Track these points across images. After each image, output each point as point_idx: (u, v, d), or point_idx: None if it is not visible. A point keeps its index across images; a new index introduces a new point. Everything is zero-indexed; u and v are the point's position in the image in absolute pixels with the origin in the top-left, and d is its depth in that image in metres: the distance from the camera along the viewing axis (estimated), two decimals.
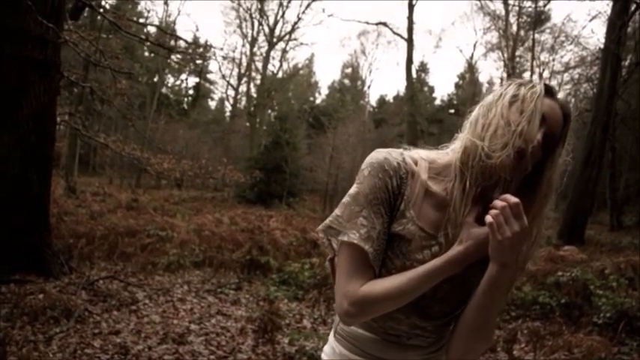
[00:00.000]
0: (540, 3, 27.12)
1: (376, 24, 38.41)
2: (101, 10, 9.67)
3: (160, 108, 38.77)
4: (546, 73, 31.90)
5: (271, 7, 48.34)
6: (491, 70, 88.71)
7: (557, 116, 1.19)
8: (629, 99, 19.84)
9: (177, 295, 6.38)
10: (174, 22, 37.23)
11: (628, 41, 17.60)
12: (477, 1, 31.66)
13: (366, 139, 33.72)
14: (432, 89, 52.17)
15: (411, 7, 33.33)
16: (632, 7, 15.69)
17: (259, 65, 40.09)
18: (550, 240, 12.14)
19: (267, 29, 38.82)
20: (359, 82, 50.20)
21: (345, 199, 1.26)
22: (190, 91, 49.80)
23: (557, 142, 1.20)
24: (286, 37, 39.17)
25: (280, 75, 41.48)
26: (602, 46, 17.95)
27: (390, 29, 36.50)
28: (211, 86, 49.87)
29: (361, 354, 1.33)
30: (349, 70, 52.10)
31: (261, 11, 38.23)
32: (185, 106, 47.24)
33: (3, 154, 6.00)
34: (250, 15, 38.80)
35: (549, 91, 1.20)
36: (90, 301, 5.59)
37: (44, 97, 6.27)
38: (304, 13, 38.67)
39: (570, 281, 6.43)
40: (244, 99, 42.14)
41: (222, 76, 46.71)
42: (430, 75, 62.04)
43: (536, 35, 29.26)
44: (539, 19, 29.00)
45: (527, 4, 28.25)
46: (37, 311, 4.83)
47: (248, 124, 38.38)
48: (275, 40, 38.64)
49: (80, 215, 11.58)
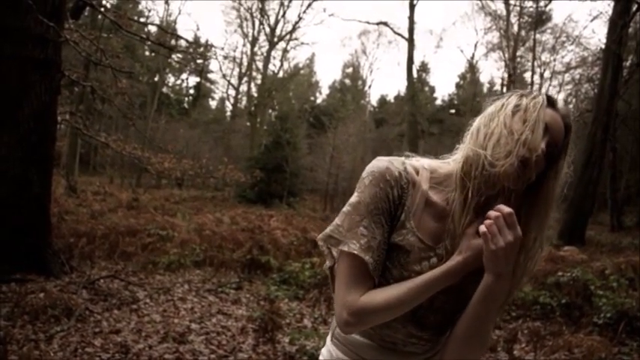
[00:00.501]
0: (541, 3, 27.15)
1: (377, 24, 38.46)
2: (102, 10, 9.68)
3: (161, 107, 38.79)
4: (547, 73, 31.99)
5: (272, 7, 48.30)
6: (492, 70, 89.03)
7: (559, 126, 1.19)
8: (629, 99, 19.84)
9: (178, 295, 6.39)
10: (174, 22, 37.27)
11: (629, 42, 17.60)
12: (478, 1, 31.69)
13: (367, 138, 33.77)
14: (432, 89, 52.21)
15: (412, 6, 33.35)
16: (634, 8, 15.68)
17: (260, 65, 40.10)
18: (550, 240, 12.12)
19: (267, 29, 38.84)
20: (360, 82, 50.22)
21: (346, 208, 1.25)
22: (191, 91, 49.89)
23: (559, 153, 1.20)
24: (287, 37, 39.17)
25: (281, 75, 41.50)
26: (603, 47, 17.99)
27: (391, 29, 36.51)
28: (212, 86, 49.93)
29: (357, 359, 1.34)
30: (350, 70, 52.12)
31: (262, 11, 38.23)
32: (186, 106, 47.26)
33: (4, 153, 6.01)
34: (251, 14, 38.82)
35: (551, 102, 1.21)
36: (91, 300, 5.60)
37: (45, 96, 6.27)
38: (305, 12, 38.73)
39: (571, 281, 6.44)
40: (245, 98, 42.19)
41: (223, 76, 46.80)
42: (431, 75, 62.08)
43: (537, 35, 29.29)
44: (540, 19, 28.99)
45: (529, 4, 28.28)
46: (38, 310, 4.84)
47: (249, 123, 38.38)
48: (276, 40, 38.64)
49: (81, 214, 11.59)
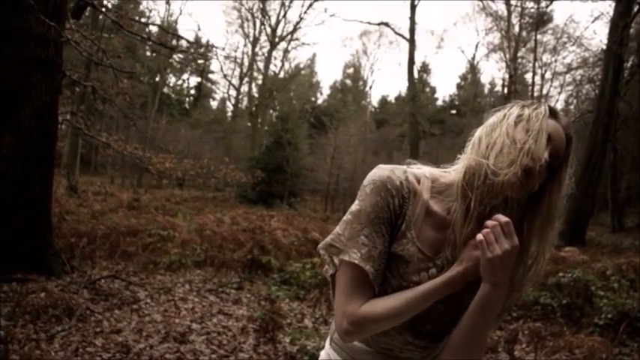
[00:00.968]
0: (543, 4, 27.13)
1: (378, 24, 38.46)
2: (103, 10, 9.68)
3: (162, 108, 38.82)
4: (548, 74, 31.99)
5: (273, 7, 48.57)
6: (493, 71, 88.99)
7: (561, 137, 1.20)
8: (630, 100, 19.80)
9: (179, 295, 6.39)
10: (175, 22, 37.31)
11: (630, 42, 17.56)
12: (479, 2, 31.63)
13: (368, 139, 33.76)
14: (433, 90, 52.23)
15: (413, 7, 33.37)
16: (635, 9, 15.66)
17: (261, 65, 40.17)
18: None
19: (269, 29, 38.87)
20: (360, 83, 50.23)
21: (347, 216, 1.25)
22: (192, 91, 49.91)
23: (561, 164, 1.20)
24: (288, 37, 39.23)
25: (282, 75, 41.55)
26: (604, 47, 17.97)
27: (392, 29, 36.53)
28: (213, 86, 49.97)
29: None
30: (351, 71, 52.11)
31: (263, 11, 38.27)
32: (187, 106, 47.28)
33: (5, 153, 6.01)
34: (252, 15, 38.87)
35: (553, 113, 1.21)
36: (91, 300, 5.60)
37: (46, 96, 6.28)
38: (306, 13, 38.82)
39: (571, 282, 6.44)
40: (246, 99, 42.22)
41: (224, 76, 46.83)
42: (432, 75, 62.03)
43: (539, 36, 29.28)
44: (541, 19, 28.98)
45: (530, 4, 28.26)
46: (39, 310, 4.84)
47: (249, 124, 38.41)
48: (277, 40, 38.67)
49: (82, 215, 11.60)
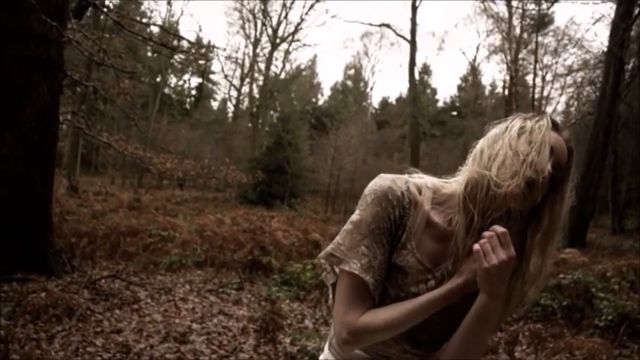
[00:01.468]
0: (544, 6, 27.10)
1: (379, 25, 38.52)
2: (105, 10, 9.69)
3: (163, 108, 38.83)
4: (549, 76, 31.95)
5: (274, 8, 48.36)
6: (494, 73, 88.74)
7: (563, 150, 1.20)
8: (631, 102, 19.82)
9: (179, 295, 6.39)
10: (177, 23, 37.33)
11: (631, 45, 17.57)
12: (481, 4, 31.60)
13: (368, 140, 33.82)
14: (434, 91, 52.27)
15: (414, 8, 33.39)
16: (636, 11, 15.66)
17: (262, 66, 40.24)
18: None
19: (270, 30, 38.93)
20: (361, 84, 50.26)
21: (347, 226, 1.25)
22: (193, 92, 49.94)
23: (563, 177, 1.20)
24: (289, 38, 39.28)
25: (283, 76, 41.59)
26: (605, 49, 17.95)
27: (393, 31, 36.61)
28: (214, 87, 50.01)
29: None
30: (352, 72, 52.12)
31: (265, 12, 38.32)
32: (187, 107, 47.30)
33: (5, 153, 6.01)
34: (253, 16, 38.93)
35: (555, 125, 1.21)
36: (92, 300, 5.61)
37: (47, 96, 6.28)
38: (307, 14, 38.80)
39: (572, 284, 6.43)
40: (247, 100, 42.27)
41: (225, 77, 46.71)
42: (433, 77, 62.00)
43: (540, 38, 29.25)
44: (542, 21, 28.95)
45: (531, 6, 28.24)
46: (40, 310, 4.84)
47: (250, 124, 38.44)
48: (278, 41, 38.71)
49: (82, 215, 11.61)
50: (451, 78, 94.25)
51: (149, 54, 37.57)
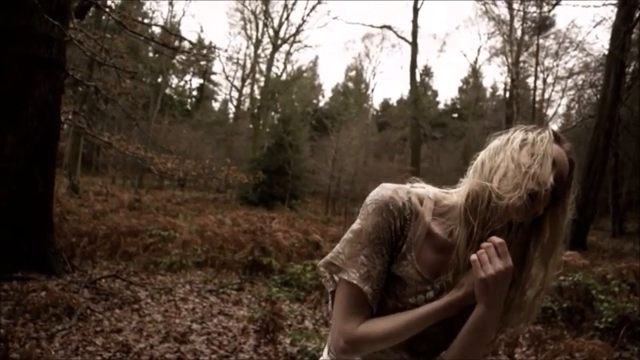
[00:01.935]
0: (545, 8, 27.08)
1: (381, 27, 38.69)
2: (107, 10, 9.70)
3: (164, 109, 38.86)
4: (550, 78, 31.87)
5: (276, 9, 48.56)
6: (495, 75, 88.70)
7: (565, 162, 1.19)
8: (632, 105, 19.82)
9: (180, 295, 6.39)
10: (178, 23, 37.40)
11: (632, 47, 17.55)
12: (482, 6, 31.59)
13: (369, 142, 33.79)
14: (435, 93, 52.27)
15: (416, 10, 33.46)
16: (637, 14, 15.66)
17: (263, 67, 40.22)
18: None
19: (271, 31, 38.93)
20: (363, 85, 50.22)
21: (347, 235, 1.25)
22: (194, 92, 49.93)
23: (564, 189, 1.20)
24: (291, 40, 39.27)
25: (284, 77, 41.59)
26: (606, 52, 17.95)
27: (395, 32, 36.76)
28: (215, 88, 50.00)
29: None
30: (353, 73, 52.09)
31: (266, 13, 38.32)
32: (188, 107, 47.31)
33: (7, 152, 6.02)
34: (255, 17, 38.90)
35: (556, 137, 1.21)
36: (92, 300, 5.61)
37: (49, 95, 6.29)
38: (309, 15, 38.66)
39: (572, 286, 6.42)
40: (248, 101, 42.22)
41: (226, 78, 46.76)
42: (434, 79, 61.93)
43: (541, 40, 29.24)
44: (543, 24, 28.94)
45: (532, 9, 28.23)
46: (40, 309, 4.85)
47: (251, 125, 38.43)
48: (279, 42, 38.71)
49: (83, 214, 11.61)
50: (452, 80, 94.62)
51: (150, 54, 37.59)
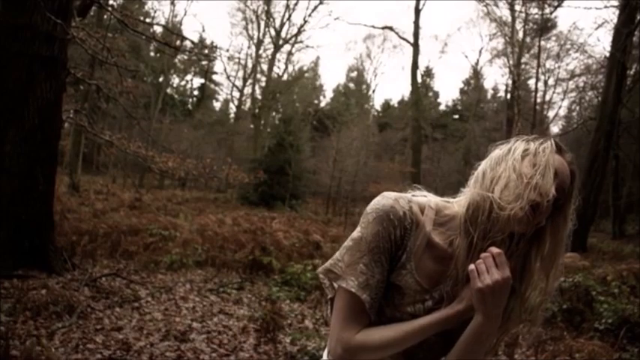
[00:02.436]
0: (547, 10, 27.07)
1: (382, 28, 38.62)
2: (109, 8, 9.71)
3: (165, 108, 38.86)
4: (551, 80, 31.94)
5: (278, 10, 48.60)
6: (497, 77, 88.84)
7: (567, 172, 1.19)
8: (633, 107, 19.79)
9: (180, 294, 6.40)
10: (180, 23, 37.40)
11: (633, 50, 17.55)
12: (484, 7, 31.57)
13: (370, 143, 33.74)
14: (436, 94, 52.22)
15: (418, 11, 33.46)
16: (639, 17, 15.67)
17: (264, 67, 40.19)
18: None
19: (273, 31, 38.91)
20: (364, 86, 50.21)
21: (347, 242, 1.24)
22: (195, 92, 49.92)
23: (565, 199, 1.20)
24: (292, 40, 39.23)
25: (285, 77, 41.56)
26: (607, 55, 17.97)
27: (396, 33, 36.69)
28: (216, 87, 49.97)
29: None
30: (354, 74, 52.09)
31: (268, 13, 38.29)
32: (190, 107, 47.30)
33: (9, 150, 6.02)
34: (257, 17, 38.88)
35: (558, 148, 1.21)
36: (92, 298, 5.61)
37: (50, 93, 6.29)
38: (310, 15, 38.56)
39: (572, 287, 6.42)
40: (249, 101, 42.19)
41: (227, 78, 46.85)
42: (435, 80, 61.85)
43: (542, 42, 29.24)
44: (545, 26, 28.95)
45: (534, 11, 28.22)
46: (40, 306, 4.85)
47: (252, 125, 38.40)
48: (281, 43, 38.68)
49: (83, 213, 11.62)
50: (453, 81, 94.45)
51: (152, 54, 37.63)
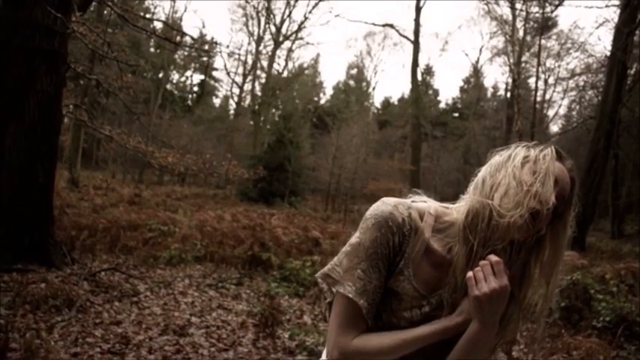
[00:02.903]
0: (548, 9, 27.05)
1: (383, 25, 38.64)
2: (109, 3, 9.69)
3: (165, 104, 38.84)
4: (552, 79, 31.94)
5: (278, 6, 48.54)
6: (497, 75, 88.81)
7: (567, 180, 1.18)
8: (633, 107, 19.79)
9: (179, 289, 6.41)
10: (180, 19, 37.33)
11: (634, 49, 17.55)
12: (484, 6, 31.53)
13: (370, 140, 33.74)
14: (436, 92, 52.26)
15: (418, 9, 33.45)
16: None
17: (265, 64, 40.17)
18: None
19: (273, 28, 38.87)
20: (364, 84, 50.23)
21: (346, 248, 1.25)
22: (195, 88, 49.89)
23: (566, 206, 1.19)
24: (292, 37, 39.21)
25: (285, 74, 41.54)
26: (608, 54, 17.97)
27: (397, 31, 36.73)
28: (216, 84, 49.99)
29: None
30: (354, 71, 52.09)
31: (268, 10, 38.25)
32: (189, 103, 47.28)
33: (9, 144, 6.02)
34: (257, 13, 38.85)
35: (559, 155, 1.20)
36: (91, 292, 5.62)
37: (50, 88, 6.29)
38: (311, 12, 38.63)
39: (571, 285, 6.42)
40: (249, 97, 42.22)
41: (227, 74, 46.78)
42: (435, 78, 61.88)
43: (543, 41, 29.18)
44: (546, 25, 28.90)
45: (535, 9, 28.20)
46: (40, 300, 4.86)
47: (252, 122, 38.40)
48: (281, 39, 38.65)
49: (83, 208, 11.62)
50: (453, 79, 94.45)
51: (152, 50, 37.59)
